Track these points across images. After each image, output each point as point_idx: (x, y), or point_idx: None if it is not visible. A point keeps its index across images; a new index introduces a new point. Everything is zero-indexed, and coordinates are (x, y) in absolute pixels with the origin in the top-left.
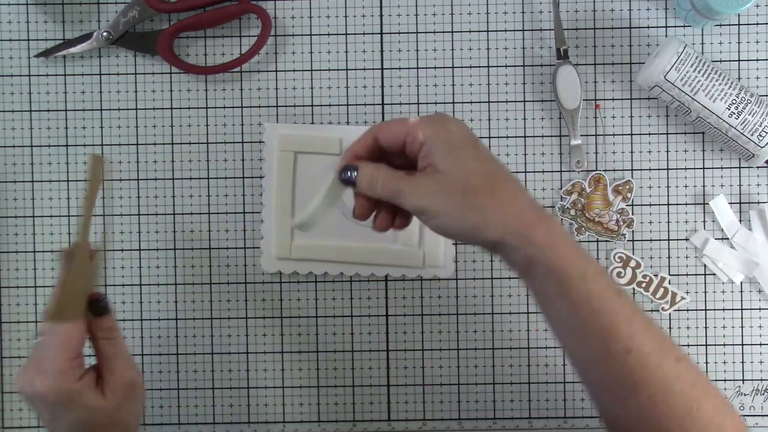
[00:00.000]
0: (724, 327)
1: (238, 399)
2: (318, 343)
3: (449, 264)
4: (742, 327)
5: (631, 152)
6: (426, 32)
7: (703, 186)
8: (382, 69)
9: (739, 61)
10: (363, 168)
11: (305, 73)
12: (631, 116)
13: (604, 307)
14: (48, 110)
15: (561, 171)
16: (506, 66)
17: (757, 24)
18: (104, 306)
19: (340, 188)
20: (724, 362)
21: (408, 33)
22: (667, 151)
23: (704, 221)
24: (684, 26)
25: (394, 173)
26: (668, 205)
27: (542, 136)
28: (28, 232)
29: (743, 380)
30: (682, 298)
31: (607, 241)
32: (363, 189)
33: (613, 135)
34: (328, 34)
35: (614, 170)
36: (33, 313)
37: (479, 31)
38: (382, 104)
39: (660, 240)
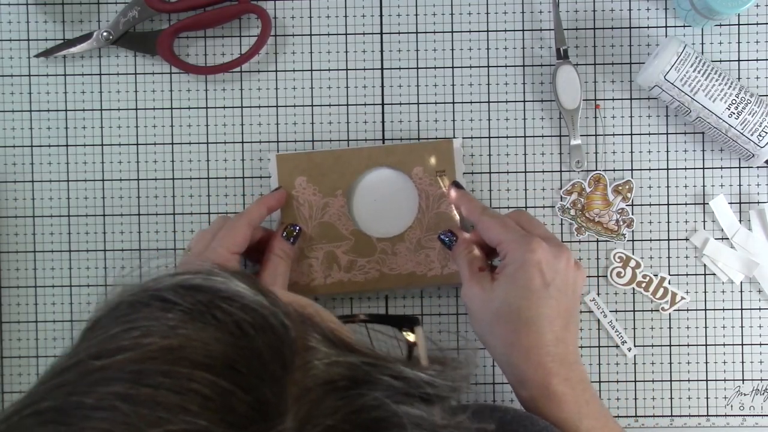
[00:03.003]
0: (724, 327)
1: None
2: None
3: None
4: (742, 327)
5: (631, 152)
6: (426, 32)
7: (703, 186)
8: (382, 69)
9: (739, 61)
10: (460, 242)
11: (305, 73)
12: (631, 116)
13: None
14: (48, 110)
15: (561, 171)
16: (506, 66)
17: (757, 24)
18: (296, 236)
19: None
20: (724, 362)
21: (408, 33)
22: (667, 151)
23: (704, 221)
24: (684, 26)
25: (470, 265)
26: (668, 205)
27: (542, 136)
28: (28, 232)
29: (743, 380)
30: (682, 298)
31: (607, 241)
32: (453, 254)
33: (613, 135)
34: (328, 34)
35: (614, 170)
36: (33, 313)
37: (479, 31)
38: (382, 104)
39: (660, 240)
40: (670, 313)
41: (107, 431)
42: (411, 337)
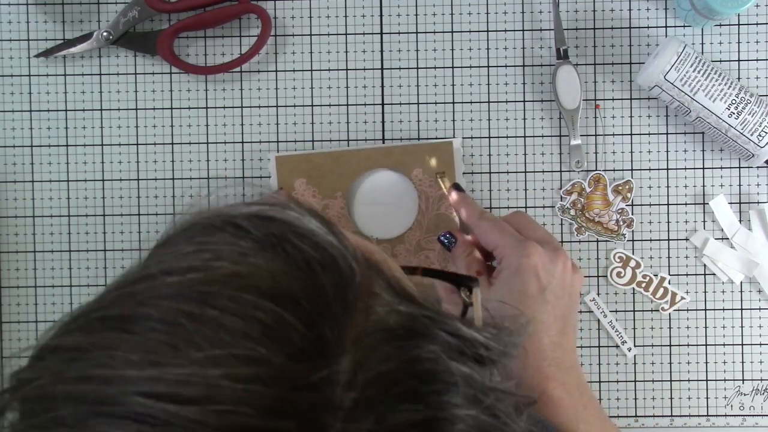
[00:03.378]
0: (723, 327)
1: None
2: None
3: None
4: (742, 327)
5: (631, 152)
6: (426, 32)
7: (703, 186)
8: (382, 69)
9: (739, 61)
10: (459, 244)
11: (305, 73)
12: (631, 116)
13: None
14: (48, 110)
15: (561, 171)
16: (506, 66)
17: (757, 24)
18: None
19: None
20: (724, 362)
21: (408, 33)
22: (667, 151)
23: (704, 221)
24: (684, 26)
25: (468, 268)
26: (668, 205)
27: (542, 136)
28: (28, 232)
29: (743, 380)
30: (682, 298)
31: (607, 241)
32: (452, 256)
33: (613, 135)
34: (328, 34)
35: (614, 170)
36: (33, 313)
37: (479, 31)
38: (382, 104)
39: (660, 240)
40: (670, 313)
41: (170, 345)
42: (468, 297)
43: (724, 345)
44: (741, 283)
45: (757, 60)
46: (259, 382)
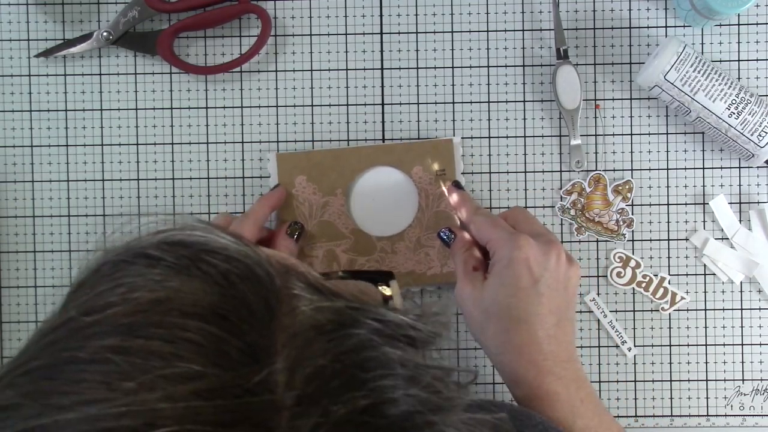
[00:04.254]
0: (723, 327)
1: None
2: None
3: None
4: (742, 327)
5: (631, 152)
6: (426, 32)
7: (703, 186)
8: (382, 69)
9: (739, 61)
10: (458, 240)
11: (305, 73)
12: (631, 116)
13: None
14: (48, 110)
15: (561, 171)
16: (506, 66)
17: (757, 24)
18: (299, 233)
19: None
20: (724, 362)
21: (408, 33)
22: (667, 151)
23: (704, 221)
24: (684, 26)
25: (465, 264)
26: (668, 205)
27: (542, 136)
28: (28, 232)
29: (743, 380)
30: (682, 298)
31: (607, 241)
32: (451, 251)
33: (613, 135)
34: (328, 34)
35: (614, 170)
36: (33, 313)
37: (479, 31)
38: (382, 104)
39: (660, 240)
40: (670, 313)
41: (102, 383)
42: (387, 291)
43: (724, 345)
44: (741, 283)
45: (757, 60)
46: (198, 397)
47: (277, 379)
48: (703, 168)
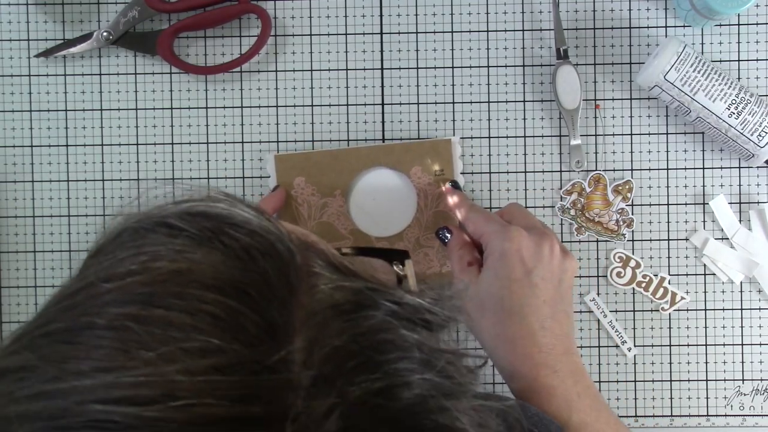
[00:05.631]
0: (724, 327)
1: None
2: None
3: None
4: (742, 327)
5: (631, 152)
6: (426, 32)
7: (703, 186)
8: (382, 69)
9: (739, 61)
10: (454, 238)
11: (305, 73)
12: (631, 116)
13: None
14: (48, 110)
15: (561, 171)
16: (506, 66)
17: (757, 24)
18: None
19: None
20: (724, 362)
21: (408, 33)
22: (667, 151)
23: (704, 221)
24: (684, 26)
25: (460, 260)
26: (668, 205)
27: (542, 136)
28: (28, 232)
29: (743, 380)
30: (682, 298)
31: (607, 241)
32: (447, 249)
33: (613, 135)
34: (328, 34)
35: (614, 170)
36: (33, 313)
37: (479, 31)
38: (382, 104)
39: (660, 240)
40: (670, 313)
41: (121, 350)
42: (401, 270)
43: (724, 345)
44: (741, 283)
45: (757, 60)
46: (216, 372)
47: (295, 358)
48: (703, 168)
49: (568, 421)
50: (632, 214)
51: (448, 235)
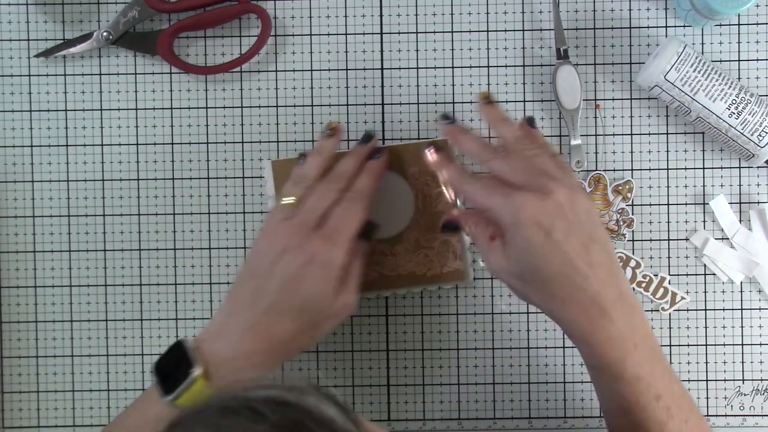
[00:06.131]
0: (724, 327)
1: None
2: (318, 343)
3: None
4: (742, 327)
5: (631, 152)
6: (426, 32)
7: (703, 186)
8: (382, 69)
9: (739, 61)
10: (462, 221)
11: (305, 73)
12: (631, 116)
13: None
14: (48, 110)
15: None
16: (506, 66)
17: (757, 24)
18: (369, 230)
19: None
20: (724, 362)
21: (408, 33)
22: (667, 151)
23: (704, 221)
24: (684, 26)
25: (482, 237)
26: (668, 205)
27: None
28: (28, 232)
29: (743, 380)
30: (682, 298)
31: None
32: (464, 233)
33: (613, 135)
34: (328, 34)
35: (614, 170)
36: (33, 313)
37: (479, 31)
38: (382, 104)
39: (660, 240)
40: (670, 313)
41: None
42: None
43: (724, 345)
44: (741, 283)
45: (757, 60)
46: None
47: None
48: (703, 168)
49: (623, 374)
50: (632, 214)
51: (456, 224)
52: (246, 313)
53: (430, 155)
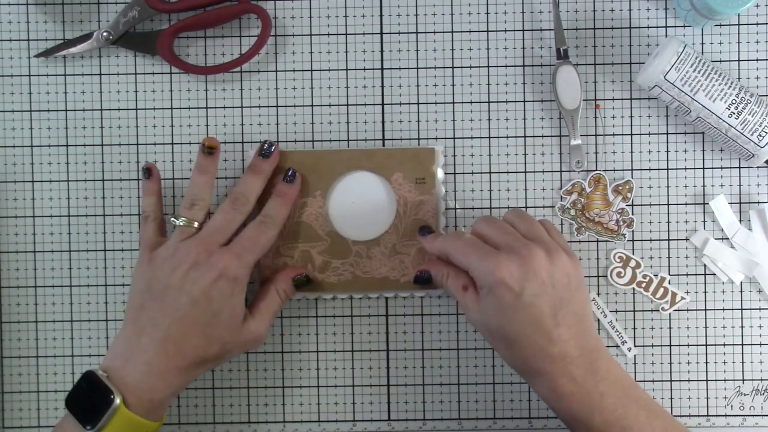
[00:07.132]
0: (724, 327)
1: (238, 399)
2: (318, 342)
3: None
4: (742, 327)
5: (631, 152)
6: (426, 32)
7: (703, 186)
8: (382, 69)
9: (739, 61)
10: (435, 274)
11: (305, 73)
12: (631, 116)
13: None
14: (48, 110)
15: (561, 171)
16: (506, 66)
17: (757, 24)
18: (302, 282)
19: None
20: (724, 362)
21: (408, 33)
22: (667, 151)
23: (704, 221)
24: (684, 26)
25: (455, 289)
26: (668, 205)
27: (542, 136)
28: (28, 232)
29: (743, 380)
30: (682, 298)
31: (607, 241)
32: (438, 285)
33: (613, 135)
34: (328, 34)
35: (614, 170)
36: (33, 313)
37: (479, 31)
38: (382, 104)
39: (660, 240)
40: (670, 313)
41: None
42: None
43: (724, 345)
44: (741, 283)
45: (757, 60)
46: None
47: None
48: (703, 168)
49: (592, 423)
50: (632, 214)
51: (428, 276)
52: (156, 331)
53: (425, 243)
